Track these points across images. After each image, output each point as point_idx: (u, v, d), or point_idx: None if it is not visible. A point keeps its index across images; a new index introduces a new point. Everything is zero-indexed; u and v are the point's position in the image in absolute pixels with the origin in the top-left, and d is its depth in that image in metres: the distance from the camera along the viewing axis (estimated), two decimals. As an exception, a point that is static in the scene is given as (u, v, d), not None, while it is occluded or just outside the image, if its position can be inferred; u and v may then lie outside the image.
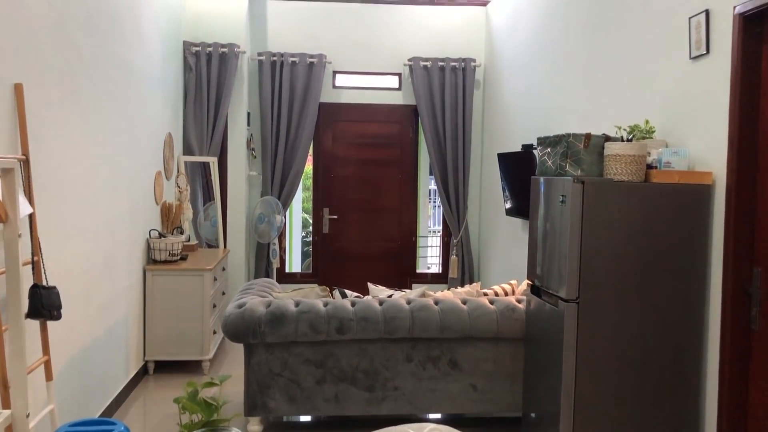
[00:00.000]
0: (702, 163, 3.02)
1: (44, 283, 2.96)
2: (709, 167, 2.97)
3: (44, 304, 2.80)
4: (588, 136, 3.13)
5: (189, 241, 5.70)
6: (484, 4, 6.88)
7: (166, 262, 4.97)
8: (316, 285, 4.57)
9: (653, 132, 3.26)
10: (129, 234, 4.49)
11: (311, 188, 7.14)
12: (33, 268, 2.90)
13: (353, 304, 3.70)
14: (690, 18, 3.11)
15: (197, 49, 6.08)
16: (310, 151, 6.91)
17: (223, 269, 5.73)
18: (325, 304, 3.69)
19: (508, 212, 5.64)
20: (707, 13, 2.98)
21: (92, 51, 3.74)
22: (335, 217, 7.02)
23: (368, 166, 7.03)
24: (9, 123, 2.79)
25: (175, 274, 4.90)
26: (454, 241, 6.92)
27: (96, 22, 3.79)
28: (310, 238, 7.17)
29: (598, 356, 2.99)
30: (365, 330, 3.61)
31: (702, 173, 2.95)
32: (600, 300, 2.97)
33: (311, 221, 7.19)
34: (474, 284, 4.12)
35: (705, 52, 3.00)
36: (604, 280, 2.97)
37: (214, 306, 5.18)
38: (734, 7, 2.79)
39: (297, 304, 3.68)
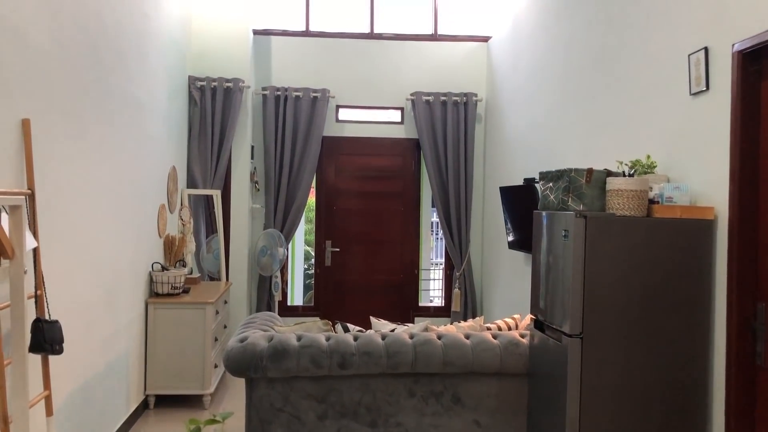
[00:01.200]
0: (704, 198, 3.04)
1: (47, 316, 2.95)
2: (711, 202, 2.99)
3: (46, 338, 2.79)
4: (590, 171, 3.15)
5: (191, 274, 5.70)
6: (486, 40, 6.97)
7: (168, 295, 4.96)
8: (318, 319, 4.55)
9: (655, 167, 3.28)
10: (132, 267, 4.49)
11: (314, 221, 7.16)
12: (36, 302, 2.90)
13: (355, 338, 3.68)
14: (689, 55, 3.15)
15: (202, 83, 6.16)
16: (313, 184, 6.95)
17: (225, 302, 5.71)
18: (327, 339, 3.67)
19: (511, 245, 5.64)
20: (706, 50, 3.02)
21: (98, 86, 3.79)
22: (337, 249, 7.02)
23: (371, 199, 7.06)
24: (16, 158, 2.82)
25: (177, 308, 4.89)
26: (457, 274, 6.90)
27: (103, 58, 3.85)
28: (312, 271, 7.17)
29: (603, 392, 2.96)
30: (367, 365, 3.59)
31: (704, 208, 2.96)
32: (604, 335, 2.96)
33: (313, 254, 7.19)
34: (477, 318, 4.10)
35: (705, 89, 3.04)
36: (607, 316, 2.96)
37: (216, 339, 5.15)
38: (733, 45, 2.83)
39: (299, 339, 3.66)
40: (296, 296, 8.74)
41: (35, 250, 2.87)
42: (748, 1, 2.76)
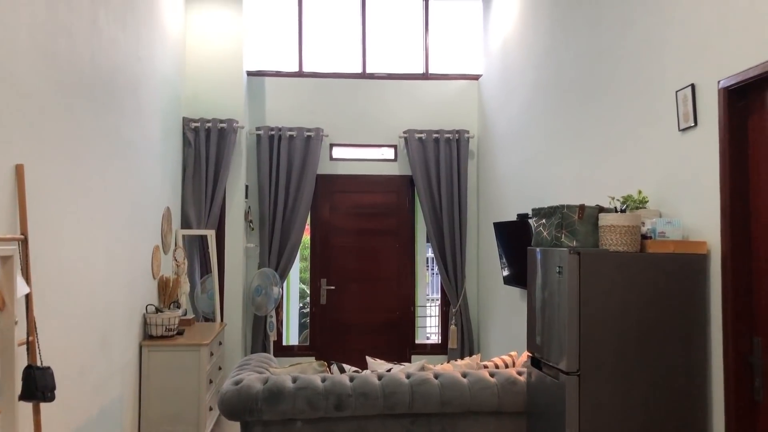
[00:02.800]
0: (696, 233, 3.05)
1: (39, 363, 2.92)
2: (703, 237, 3.00)
3: (38, 385, 2.75)
4: (582, 207, 3.16)
5: (186, 315, 5.66)
6: (476, 78, 7.06)
7: (162, 337, 4.92)
8: (313, 359, 4.51)
9: (646, 202, 3.30)
10: (126, 310, 4.46)
11: (309, 258, 7.14)
12: (28, 348, 2.87)
13: (351, 379, 3.65)
14: (677, 92, 3.20)
15: (196, 125, 6.20)
16: (308, 222, 6.95)
17: (220, 343, 5.66)
18: (323, 380, 3.64)
19: (506, 281, 5.63)
20: (693, 87, 3.06)
21: (93, 130, 3.81)
22: (333, 287, 6.99)
23: (366, 236, 7.06)
24: (9, 204, 2.82)
25: (172, 350, 4.84)
26: (453, 310, 6.87)
27: (97, 102, 3.88)
28: (308, 309, 7.12)
29: (601, 430, 2.93)
30: (364, 406, 3.55)
31: (697, 243, 2.97)
32: (601, 372, 2.94)
33: (308, 292, 7.16)
34: (474, 356, 4.08)
35: (693, 125, 3.07)
36: (604, 352, 2.94)
37: (211, 382, 5.10)
38: (718, 82, 2.88)
39: (294, 380, 3.63)
40: (292, 335, 8.68)
41: (28, 296, 2.85)
42: (732, 39, 2.81)
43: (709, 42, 2.97)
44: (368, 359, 4.13)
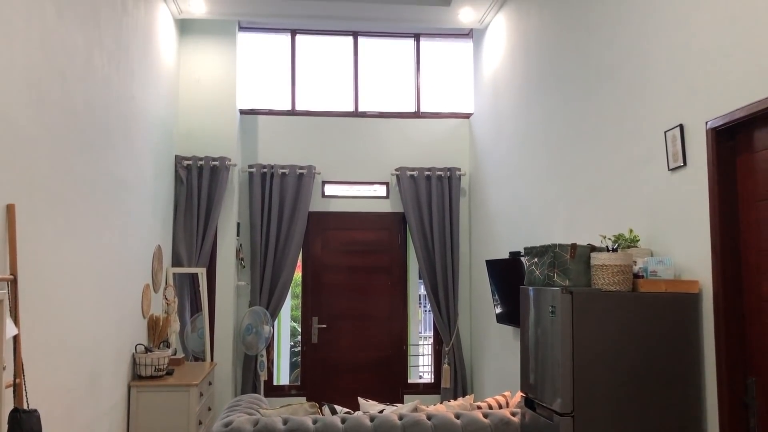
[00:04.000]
0: (688, 272, 3.06)
1: (25, 406, 2.87)
2: (695, 275, 3.00)
3: (24, 429, 2.70)
4: (574, 246, 3.17)
5: (175, 354, 5.59)
6: (467, 117, 7.13)
7: (151, 377, 4.85)
8: (304, 400, 4.45)
9: (638, 241, 3.32)
10: (115, 349, 4.41)
11: (300, 296, 7.10)
12: (14, 391, 2.82)
13: (343, 420, 3.60)
14: (666, 132, 3.24)
15: (189, 162, 6.21)
16: (300, 259, 6.92)
17: (210, 383, 5.59)
18: (314, 422, 3.58)
19: (499, 319, 5.60)
20: (681, 127, 3.10)
21: (85, 169, 3.81)
22: (324, 326, 6.94)
23: (357, 274, 7.03)
24: (-1, 243, 2.80)
25: (161, 390, 4.77)
26: (446, 348, 6.82)
27: (90, 141, 3.89)
28: (299, 348, 7.05)
29: (598, 473, 2.89)
30: (356, 448, 3.49)
31: (688, 282, 2.97)
32: (595, 413, 2.91)
33: (300, 330, 7.10)
34: (467, 396, 4.03)
35: (682, 164, 3.11)
36: (598, 393, 2.92)
37: (200, 423, 5.01)
38: (706, 122, 2.92)
39: (285, 422, 3.57)
40: (282, 374, 8.56)
41: (15, 337, 2.82)
42: (718, 80, 2.86)
43: (697, 83, 3.02)
44: (360, 400, 4.08)
